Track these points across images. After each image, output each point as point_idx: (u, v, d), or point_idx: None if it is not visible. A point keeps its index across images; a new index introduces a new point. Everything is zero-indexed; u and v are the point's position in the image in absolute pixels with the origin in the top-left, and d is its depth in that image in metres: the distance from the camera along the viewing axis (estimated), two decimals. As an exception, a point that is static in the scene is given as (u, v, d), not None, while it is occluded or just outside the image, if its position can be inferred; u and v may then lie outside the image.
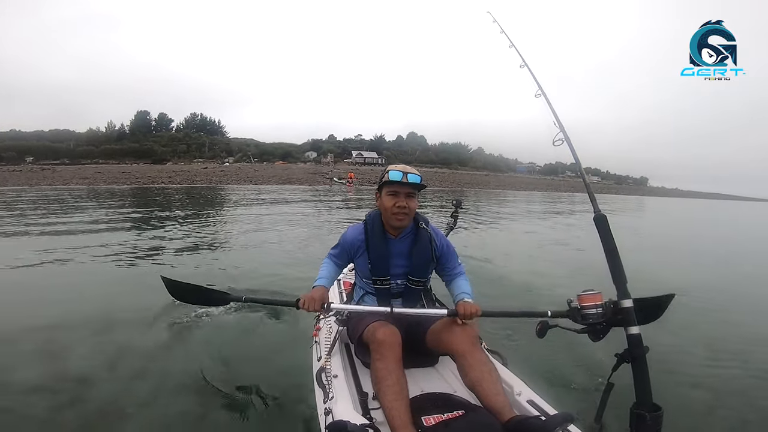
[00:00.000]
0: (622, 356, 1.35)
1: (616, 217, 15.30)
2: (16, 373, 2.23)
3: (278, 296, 3.12)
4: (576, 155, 1.68)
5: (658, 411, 1.24)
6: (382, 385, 1.31)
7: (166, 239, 6.90)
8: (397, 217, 1.60)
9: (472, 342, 1.43)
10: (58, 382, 2.15)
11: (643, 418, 1.23)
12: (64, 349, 2.53)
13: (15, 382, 2.14)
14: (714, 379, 2.45)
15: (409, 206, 1.59)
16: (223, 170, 42.40)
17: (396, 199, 1.59)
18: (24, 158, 54.66)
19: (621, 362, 1.36)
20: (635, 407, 1.26)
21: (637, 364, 1.31)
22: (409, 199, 1.60)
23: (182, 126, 76.78)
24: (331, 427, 1.13)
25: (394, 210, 1.60)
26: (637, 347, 1.33)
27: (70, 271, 4.58)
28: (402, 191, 1.59)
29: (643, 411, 1.24)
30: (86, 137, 67.41)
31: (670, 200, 49.28)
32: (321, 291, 1.63)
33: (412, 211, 1.62)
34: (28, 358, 2.42)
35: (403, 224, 1.63)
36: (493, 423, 1.21)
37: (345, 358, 1.70)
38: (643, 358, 1.31)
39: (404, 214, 1.60)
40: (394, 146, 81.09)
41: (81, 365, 2.33)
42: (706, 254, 8.00)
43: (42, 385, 2.12)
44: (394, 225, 1.64)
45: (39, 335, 2.73)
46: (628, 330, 1.36)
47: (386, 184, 1.62)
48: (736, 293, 4.65)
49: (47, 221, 8.66)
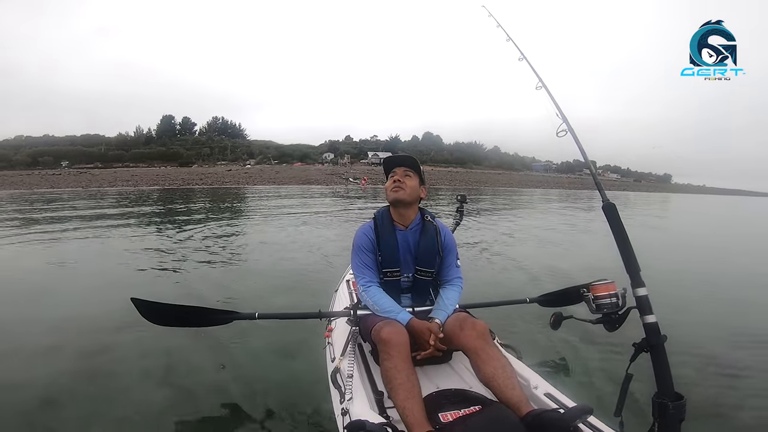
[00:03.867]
0: (639, 346, 1.31)
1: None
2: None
3: (298, 309, 3.07)
4: (580, 145, 1.65)
5: (681, 400, 1.20)
6: (392, 384, 1.30)
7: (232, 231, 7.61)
8: (393, 190, 1.70)
9: (483, 337, 1.42)
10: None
11: (665, 408, 1.19)
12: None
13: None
14: (738, 368, 2.35)
15: (404, 182, 1.69)
16: (247, 172, 44.55)
17: (393, 178, 1.72)
18: (60, 162, 57.98)
19: (639, 352, 1.32)
20: (657, 396, 1.22)
21: (656, 352, 1.27)
22: (406, 178, 1.70)
23: (205, 130, 79.56)
24: (349, 427, 1.12)
25: (391, 185, 1.71)
26: (654, 336, 1.29)
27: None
28: (399, 171, 1.72)
29: (666, 400, 1.20)
30: (116, 141, 70.76)
31: (700, 198, 46.85)
32: (424, 324, 1.53)
33: (408, 187, 1.69)
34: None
35: (398, 196, 1.68)
36: (510, 417, 1.19)
37: (359, 357, 1.68)
38: (661, 346, 1.27)
39: (399, 187, 1.69)
40: (409, 147, 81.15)
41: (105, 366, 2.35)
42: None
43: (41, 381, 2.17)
44: (391, 198, 1.72)
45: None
46: (644, 319, 1.31)
47: (386, 169, 1.79)
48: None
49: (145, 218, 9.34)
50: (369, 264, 1.69)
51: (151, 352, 2.47)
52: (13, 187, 26.12)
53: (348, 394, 1.39)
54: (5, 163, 54.07)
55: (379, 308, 1.59)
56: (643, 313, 1.33)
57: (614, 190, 49.15)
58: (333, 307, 2.35)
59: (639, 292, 1.35)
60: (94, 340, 2.67)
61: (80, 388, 2.11)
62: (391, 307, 1.58)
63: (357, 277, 1.71)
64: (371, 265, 1.69)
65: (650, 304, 1.33)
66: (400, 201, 1.69)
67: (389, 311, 1.56)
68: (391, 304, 1.59)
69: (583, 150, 1.67)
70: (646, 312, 1.33)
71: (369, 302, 1.62)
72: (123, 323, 2.73)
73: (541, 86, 1.78)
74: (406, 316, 1.54)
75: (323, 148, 79.08)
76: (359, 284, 1.69)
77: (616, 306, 1.53)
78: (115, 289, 3.75)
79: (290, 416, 1.89)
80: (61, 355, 2.45)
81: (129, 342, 2.60)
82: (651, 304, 1.34)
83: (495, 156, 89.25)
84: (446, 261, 1.75)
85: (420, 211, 1.77)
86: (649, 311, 1.32)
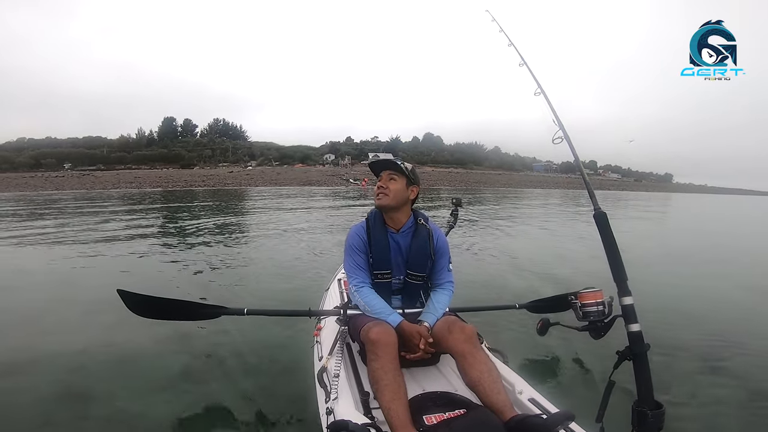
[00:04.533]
0: (623, 354, 1.34)
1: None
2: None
3: (288, 306, 3.06)
4: (575, 153, 1.67)
5: (660, 408, 1.22)
6: (379, 385, 1.31)
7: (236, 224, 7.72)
8: (377, 197, 1.70)
9: (470, 341, 1.43)
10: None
11: (644, 416, 1.22)
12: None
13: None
14: (718, 376, 2.36)
15: (388, 187, 1.68)
16: (249, 173, 45.07)
17: (378, 183, 1.72)
18: (62, 165, 58.30)
19: (622, 360, 1.34)
20: (637, 405, 1.25)
21: (639, 361, 1.30)
22: (390, 182, 1.69)
23: (206, 131, 79.87)
24: (332, 427, 1.12)
25: (376, 191, 1.71)
26: (638, 344, 1.32)
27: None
28: (384, 175, 1.71)
29: (645, 408, 1.22)
30: (118, 143, 71.12)
31: (707, 197, 46.68)
32: (414, 327, 1.54)
33: (392, 192, 1.68)
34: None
35: (382, 203, 1.68)
36: (494, 422, 1.19)
37: (346, 357, 1.68)
38: (644, 355, 1.30)
39: (383, 193, 1.68)
40: (409, 147, 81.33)
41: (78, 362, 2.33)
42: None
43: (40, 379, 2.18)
44: (376, 205, 1.72)
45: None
46: (629, 327, 1.35)
47: (374, 172, 1.77)
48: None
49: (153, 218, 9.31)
50: (361, 265, 1.69)
51: (133, 346, 2.47)
52: (18, 189, 26.30)
53: (333, 393, 1.38)
54: (8, 165, 54.46)
55: (370, 309, 1.59)
56: (628, 322, 1.36)
57: (613, 189, 49.14)
58: (323, 306, 2.36)
59: (625, 300, 1.38)
60: (76, 332, 2.71)
61: (63, 380, 2.13)
62: (382, 308, 1.58)
63: (349, 277, 1.71)
64: (363, 266, 1.69)
65: (636, 313, 1.36)
66: (384, 207, 1.71)
67: (380, 312, 1.57)
68: (382, 305, 1.60)
69: (578, 158, 1.70)
70: (631, 321, 1.35)
71: (360, 303, 1.64)
72: (109, 315, 2.77)
73: (540, 92, 1.81)
74: (396, 318, 1.54)
75: (324, 149, 79.27)
76: (351, 284, 1.69)
77: (602, 314, 1.56)
78: (104, 281, 3.83)
79: (274, 415, 1.88)
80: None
81: (112, 335, 2.62)
82: (636, 313, 1.36)
83: (495, 156, 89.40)
84: (438, 264, 1.75)
85: (413, 213, 1.77)
86: (634, 320, 1.35)
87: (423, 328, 1.53)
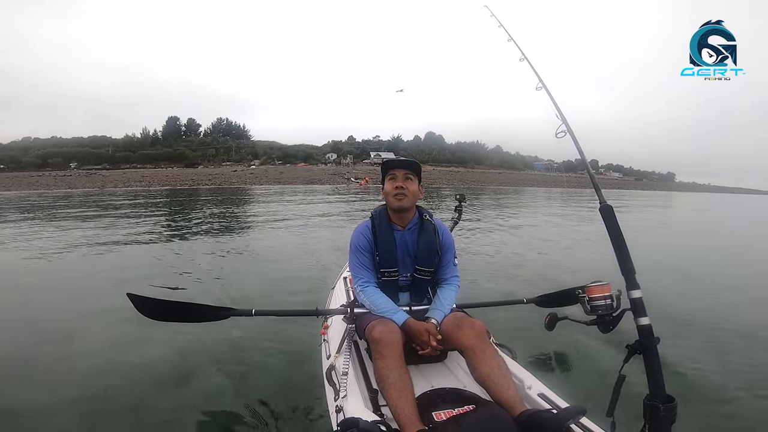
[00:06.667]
0: (633, 348, 1.32)
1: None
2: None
3: (295, 305, 3.06)
4: (579, 147, 1.66)
5: (672, 402, 1.21)
6: (385, 383, 1.31)
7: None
8: (397, 198, 1.66)
9: (480, 337, 1.43)
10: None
11: (656, 410, 1.20)
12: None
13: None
14: (730, 370, 2.35)
15: (407, 187, 1.65)
16: (252, 172, 45.47)
17: (395, 182, 1.67)
18: (68, 164, 58.72)
19: (632, 354, 1.33)
20: (648, 398, 1.23)
21: (649, 355, 1.28)
22: (407, 182, 1.66)
23: (209, 131, 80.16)
24: (343, 425, 1.12)
25: (393, 192, 1.66)
26: (648, 338, 1.30)
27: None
28: (399, 174, 1.67)
29: (657, 402, 1.21)
30: (123, 143, 71.53)
31: (714, 197, 46.20)
32: (421, 325, 1.53)
33: (411, 193, 1.66)
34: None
35: (403, 204, 1.65)
36: (504, 417, 1.18)
37: (354, 355, 1.68)
38: (654, 348, 1.28)
39: (402, 194, 1.65)
40: (411, 146, 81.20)
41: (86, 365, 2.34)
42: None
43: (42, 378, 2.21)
44: (394, 206, 1.67)
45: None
46: (638, 321, 1.33)
47: (384, 169, 1.73)
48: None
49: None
50: (366, 264, 1.68)
51: (143, 348, 2.49)
52: (32, 187, 26.70)
53: (342, 391, 1.39)
54: (15, 165, 54.94)
55: (375, 308, 1.59)
56: (637, 315, 1.34)
57: (611, 188, 48.63)
58: (330, 305, 2.35)
59: (633, 294, 1.36)
60: (88, 333, 2.73)
61: (68, 380, 2.15)
62: (388, 307, 1.58)
63: (355, 277, 1.71)
64: (369, 265, 1.69)
65: (644, 306, 1.34)
66: (405, 208, 1.69)
67: (386, 311, 1.56)
68: (388, 304, 1.60)
69: (581, 151, 1.68)
70: (640, 314, 1.33)
71: (366, 302, 1.64)
72: (120, 317, 2.78)
73: (542, 87, 1.80)
74: (402, 316, 1.54)
75: (326, 148, 79.35)
76: (356, 284, 1.69)
77: (610, 308, 1.54)
78: (113, 285, 3.83)
79: (284, 413, 1.88)
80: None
81: (120, 337, 2.64)
82: (645, 307, 1.34)
83: (496, 155, 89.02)
84: (444, 259, 1.75)
85: (418, 209, 1.76)
86: (643, 313, 1.33)
87: (431, 324, 1.53)
